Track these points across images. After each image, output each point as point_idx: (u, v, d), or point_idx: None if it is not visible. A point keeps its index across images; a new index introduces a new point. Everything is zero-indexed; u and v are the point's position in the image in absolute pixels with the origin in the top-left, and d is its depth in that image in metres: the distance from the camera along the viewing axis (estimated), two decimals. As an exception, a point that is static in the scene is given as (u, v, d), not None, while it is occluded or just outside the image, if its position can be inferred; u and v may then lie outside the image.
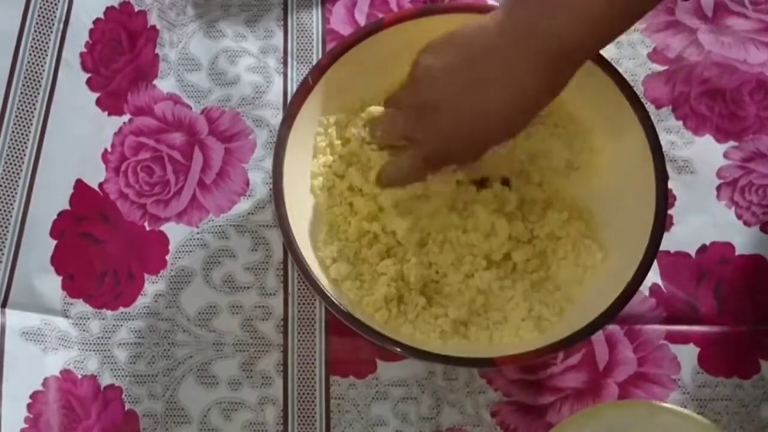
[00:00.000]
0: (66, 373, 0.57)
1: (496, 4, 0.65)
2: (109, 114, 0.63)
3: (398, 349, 0.51)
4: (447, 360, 0.53)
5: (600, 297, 0.53)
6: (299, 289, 0.61)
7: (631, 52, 0.67)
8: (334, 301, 0.52)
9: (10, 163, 0.58)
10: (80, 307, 0.60)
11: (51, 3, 0.61)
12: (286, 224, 0.53)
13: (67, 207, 0.59)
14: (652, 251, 0.53)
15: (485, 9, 0.58)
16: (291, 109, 0.56)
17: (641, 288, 0.52)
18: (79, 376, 0.58)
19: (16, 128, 0.58)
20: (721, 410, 0.58)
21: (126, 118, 0.64)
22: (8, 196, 0.57)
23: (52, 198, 0.59)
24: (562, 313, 0.57)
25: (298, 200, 0.56)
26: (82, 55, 0.62)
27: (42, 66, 0.60)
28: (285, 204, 0.53)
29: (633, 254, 0.53)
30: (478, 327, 0.57)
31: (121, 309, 0.60)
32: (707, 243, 0.62)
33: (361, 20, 0.68)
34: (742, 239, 0.62)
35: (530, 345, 0.53)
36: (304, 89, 0.56)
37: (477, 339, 0.56)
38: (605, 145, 0.60)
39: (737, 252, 0.61)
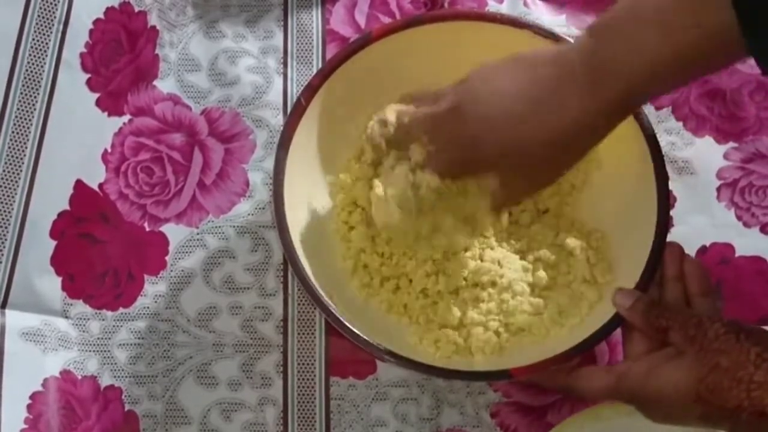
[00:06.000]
0: (66, 374, 0.57)
1: (484, 11, 0.65)
2: (109, 114, 0.63)
3: (402, 363, 0.52)
4: (467, 376, 0.53)
5: (608, 298, 0.53)
6: (299, 289, 0.61)
7: (631, 53, 0.67)
8: (335, 314, 0.52)
9: (10, 163, 0.58)
10: (80, 307, 0.60)
11: (51, 3, 0.61)
12: (291, 251, 0.53)
13: (67, 207, 0.59)
14: (658, 252, 0.53)
15: (474, 17, 0.58)
16: (286, 132, 0.56)
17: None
18: (79, 377, 0.58)
19: (16, 128, 0.58)
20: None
21: (126, 118, 0.64)
22: (8, 196, 0.57)
23: (52, 198, 0.59)
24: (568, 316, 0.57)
25: (299, 223, 0.56)
26: (82, 55, 0.62)
27: (42, 66, 0.60)
28: (288, 227, 0.54)
29: (638, 255, 0.53)
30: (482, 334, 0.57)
31: (121, 310, 0.60)
32: (707, 244, 0.62)
33: (361, 21, 0.68)
34: (742, 240, 0.62)
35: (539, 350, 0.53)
36: (298, 111, 0.56)
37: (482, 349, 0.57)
38: (603, 147, 0.59)
39: (737, 253, 0.61)
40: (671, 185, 0.55)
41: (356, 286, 0.58)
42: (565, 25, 0.68)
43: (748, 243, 0.62)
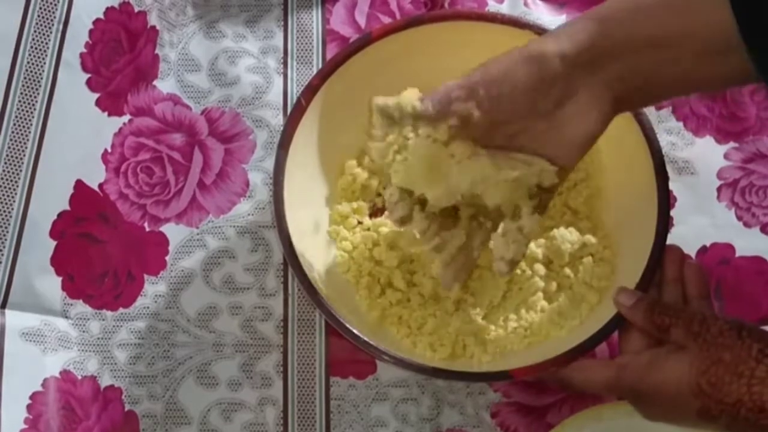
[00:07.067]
0: (66, 374, 0.57)
1: (485, 11, 0.65)
2: (109, 114, 0.63)
3: (397, 364, 0.52)
4: (467, 376, 0.53)
5: (609, 300, 0.53)
6: (299, 289, 0.61)
7: (632, 53, 0.67)
8: (335, 314, 0.52)
9: (10, 163, 0.58)
10: (80, 307, 0.60)
11: (51, 3, 0.61)
12: (291, 251, 0.53)
13: (67, 207, 0.59)
14: (658, 252, 0.53)
15: (475, 17, 0.58)
16: (286, 133, 0.55)
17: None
18: (79, 377, 0.58)
19: (16, 128, 0.58)
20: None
21: (126, 118, 0.64)
22: (8, 196, 0.57)
23: (52, 198, 0.59)
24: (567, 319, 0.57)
25: (299, 223, 0.56)
26: (82, 55, 0.62)
27: (42, 66, 0.60)
28: (288, 228, 0.53)
29: (638, 256, 0.53)
30: (479, 337, 0.57)
31: (121, 310, 0.60)
32: (707, 244, 0.62)
33: (361, 21, 0.68)
34: (743, 240, 0.62)
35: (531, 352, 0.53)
36: (298, 111, 0.56)
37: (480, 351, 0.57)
38: (604, 146, 0.60)
39: (737, 253, 0.61)
40: (671, 185, 0.55)
41: (360, 295, 0.58)
42: (565, 25, 0.68)
43: (749, 243, 0.62)
